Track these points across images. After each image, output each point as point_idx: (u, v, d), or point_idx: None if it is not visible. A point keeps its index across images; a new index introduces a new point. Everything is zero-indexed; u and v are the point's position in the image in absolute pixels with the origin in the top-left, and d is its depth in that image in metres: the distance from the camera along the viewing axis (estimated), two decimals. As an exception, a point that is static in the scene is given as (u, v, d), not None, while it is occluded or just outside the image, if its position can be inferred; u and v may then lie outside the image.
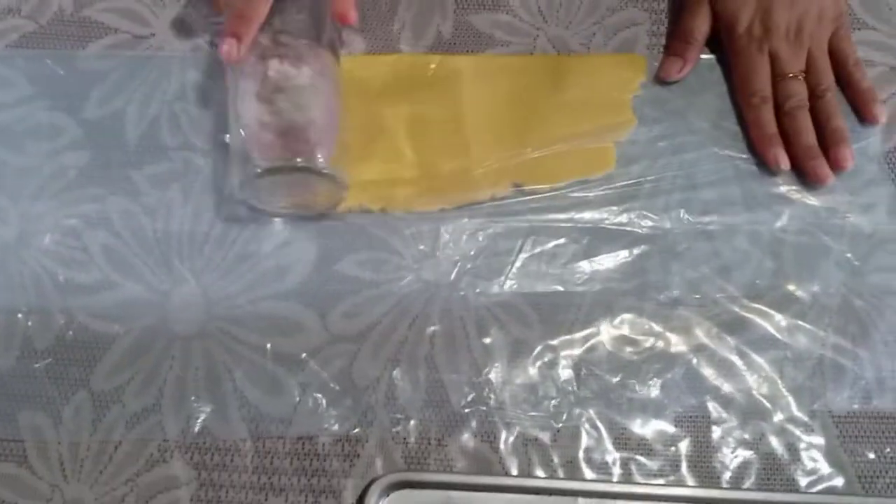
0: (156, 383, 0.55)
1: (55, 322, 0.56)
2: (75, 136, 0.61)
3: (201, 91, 0.63)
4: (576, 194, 0.61)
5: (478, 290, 0.58)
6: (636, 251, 0.59)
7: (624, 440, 0.54)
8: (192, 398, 0.54)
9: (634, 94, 0.64)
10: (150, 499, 0.52)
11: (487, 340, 0.56)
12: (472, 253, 0.59)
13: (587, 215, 0.60)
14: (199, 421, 0.54)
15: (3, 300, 0.57)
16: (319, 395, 0.55)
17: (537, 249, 0.59)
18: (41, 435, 0.54)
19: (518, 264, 0.59)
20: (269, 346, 0.56)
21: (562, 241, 0.60)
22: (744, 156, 0.63)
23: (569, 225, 0.60)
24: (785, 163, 0.61)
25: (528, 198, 0.61)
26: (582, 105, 0.63)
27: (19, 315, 0.56)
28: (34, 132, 0.61)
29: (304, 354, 0.56)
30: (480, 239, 0.59)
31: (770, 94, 0.63)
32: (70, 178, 0.60)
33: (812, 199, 0.61)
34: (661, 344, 0.57)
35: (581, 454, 0.54)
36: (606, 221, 0.60)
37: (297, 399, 0.55)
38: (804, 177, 0.61)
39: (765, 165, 0.62)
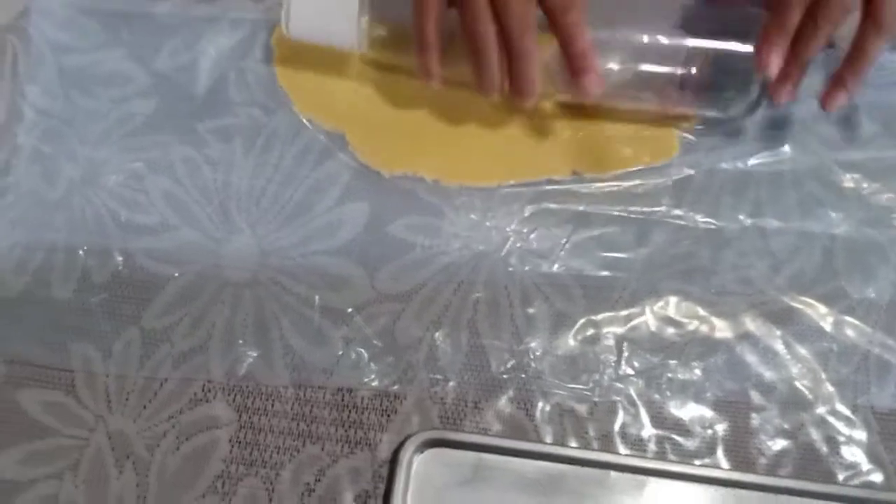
0: (205, 326, 0.56)
1: (113, 260, 0.58)
2: (144, 85, 0.63)
3: (270, 51, 0.64)
4: (631, 183, 0.61)
5: (525, 265, 0.58)
6: (687, 242, 0.59)
7: (661, 419, 0.54)
8: (240, 342, 0.55)
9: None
10: (191, 436, 0.54)
11: (531, 310, 0.57)
12: (523, 228, 0.59)
13: (642, 206, 0.60)
14: (244, 365, 0.55)
15: (66, 236, 0.58)
16: (362, 350, 0.55)
17: (588, 234, 0.59)
18: (90, 367, 0.55)
19: (568, 246, 0.59)
20: (317, 298, 0.57)
21: (613, 228, 0.59)
22: (801, 151, 0.62)
23: (622, 214, 0.60)
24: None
25: (585, 185, 0.61)
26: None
27: (80, 251, 0.58)
28: (106, 78, 0.63)
29: (350, 309, 0.56)
30: (531, 216, 0.60)
31: None
32: (137, 124, 0.62)
33: (868, 198, 0.60)
34: (705, 328, 0.56)
35: (617, 429, 0.54)
36: (659, 213, 0.60)
37: (341, 352, 0.55)
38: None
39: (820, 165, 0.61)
